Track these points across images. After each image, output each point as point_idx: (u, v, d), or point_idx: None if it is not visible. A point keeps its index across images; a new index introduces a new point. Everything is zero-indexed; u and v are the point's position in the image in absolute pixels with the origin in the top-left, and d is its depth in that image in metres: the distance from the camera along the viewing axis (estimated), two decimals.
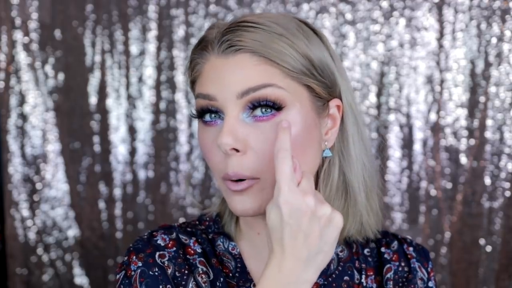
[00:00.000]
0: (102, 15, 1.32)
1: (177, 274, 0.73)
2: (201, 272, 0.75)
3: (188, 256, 0.76)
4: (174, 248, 0.76)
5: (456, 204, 1.27)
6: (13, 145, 1.34)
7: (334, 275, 0.77)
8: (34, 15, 1.31)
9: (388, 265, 0.80)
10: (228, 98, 0.67)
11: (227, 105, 0.67)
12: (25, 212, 1.35)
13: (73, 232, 1.37)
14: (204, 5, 1.29)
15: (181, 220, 1.34)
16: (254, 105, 0.67)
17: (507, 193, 1.24)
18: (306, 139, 0.70)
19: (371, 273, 0.80)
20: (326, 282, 0.76)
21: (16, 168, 1.34)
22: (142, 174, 1.35)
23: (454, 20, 1.23)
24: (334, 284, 0.76)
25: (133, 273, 0.72)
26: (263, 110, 0.67)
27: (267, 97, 0.67)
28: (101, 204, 1.37)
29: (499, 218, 1.25)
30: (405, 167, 1.28)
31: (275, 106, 0.67)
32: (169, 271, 0.73)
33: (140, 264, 0.73)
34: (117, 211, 1.37)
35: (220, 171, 0.69)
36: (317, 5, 1.26)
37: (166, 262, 0.74)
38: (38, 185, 1.35)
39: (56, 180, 1.36)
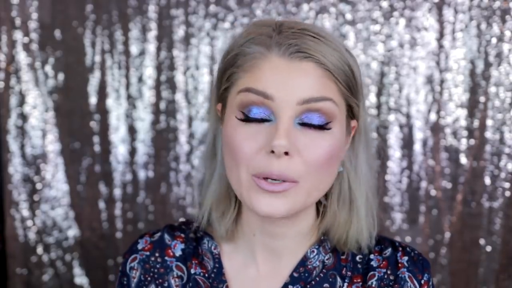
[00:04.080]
0: (102, 15, 1.32)
1: (141, 278, 0.82)
2: (175, 276, 0.81)
3: (166, 257, 0.83)
4: (148, 253, 0.83)
5: (456, 204, 1.27)
6: (13, 145, 1.34)
7: (313, 282, 0.77)
8: (34, 15, 1.31)
9: (372, 272, 0.79)
10: (288, 102, 0.68)
11: (284, 107, 0.68)
12: (25, 212, 1.35)
13: (73, 232, 1.37)
14: (204, 5, 1.29)
15: (181, 220, 1.34)
16: (308, 115, 0.69)
17: (507, 193, 1.24)
18: (339, 154, 0.73)
19: (359, 280, 0.79)
20: None
21: (16, 168, 1.34)
22: (142, 174, 1.35)
23: (454, 20, 1.23)
24: None
25: (119, 273, 0.85)
26: (316, 120, 0.69)
27: (324, 110, 0.69)
28: (101, 204, 1.37)
29: (499, 218, 1.25)
30: (405, 167, 1.28)
31: (326, 120, 0.70)
32: (137, 273, 0.83)
33: (120, 268, 0.85)
34: (117, 211, 1.37)
35: (252, 168, 0.69)
36: (317, 5, 1.26)
37: (136, 265, 0.83)
38: (38, 185, 1.35)
39: (56, 180, 1.36)
